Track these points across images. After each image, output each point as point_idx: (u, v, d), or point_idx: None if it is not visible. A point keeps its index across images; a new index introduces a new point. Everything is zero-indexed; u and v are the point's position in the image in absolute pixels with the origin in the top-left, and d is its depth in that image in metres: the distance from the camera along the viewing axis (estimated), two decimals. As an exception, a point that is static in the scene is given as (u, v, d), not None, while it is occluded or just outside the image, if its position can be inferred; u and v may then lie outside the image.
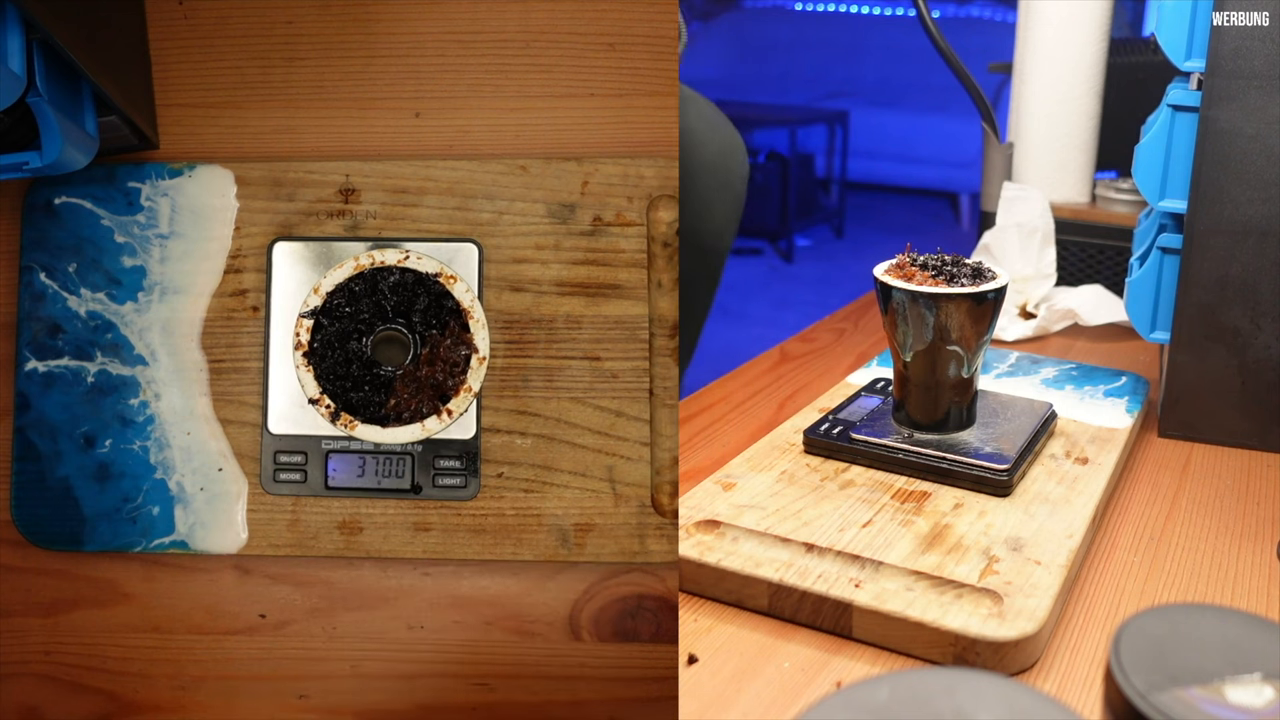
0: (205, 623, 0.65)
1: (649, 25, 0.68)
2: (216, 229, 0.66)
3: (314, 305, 0.53)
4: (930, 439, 0.65)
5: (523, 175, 0.66)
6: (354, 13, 0.68)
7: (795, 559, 0.55)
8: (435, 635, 0.65)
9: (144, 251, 0.65)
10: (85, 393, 0.65)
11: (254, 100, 0.68)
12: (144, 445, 0.64)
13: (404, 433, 0.52)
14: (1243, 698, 0.33)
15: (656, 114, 0.68)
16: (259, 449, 0.64)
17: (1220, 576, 0.59)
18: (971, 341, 0.63)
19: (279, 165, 0.66)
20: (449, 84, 0.68)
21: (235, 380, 0.65)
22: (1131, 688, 0.33)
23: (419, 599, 0.65)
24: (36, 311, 0.65)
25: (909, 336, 0.63)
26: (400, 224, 0.65)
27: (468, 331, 0.52)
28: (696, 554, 0.56)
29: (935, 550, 0.55)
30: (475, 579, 0.65)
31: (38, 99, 0.54)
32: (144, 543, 0.64)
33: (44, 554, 0.65)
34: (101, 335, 0.65)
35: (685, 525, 0.58)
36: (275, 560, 0.65)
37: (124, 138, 0.65)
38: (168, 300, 0.65)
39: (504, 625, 0.65)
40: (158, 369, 0.65)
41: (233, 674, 0.64)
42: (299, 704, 0.65)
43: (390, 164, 0.66)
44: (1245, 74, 0.70)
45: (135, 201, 0.66)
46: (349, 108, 0.68)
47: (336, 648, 0.65)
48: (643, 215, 0.65)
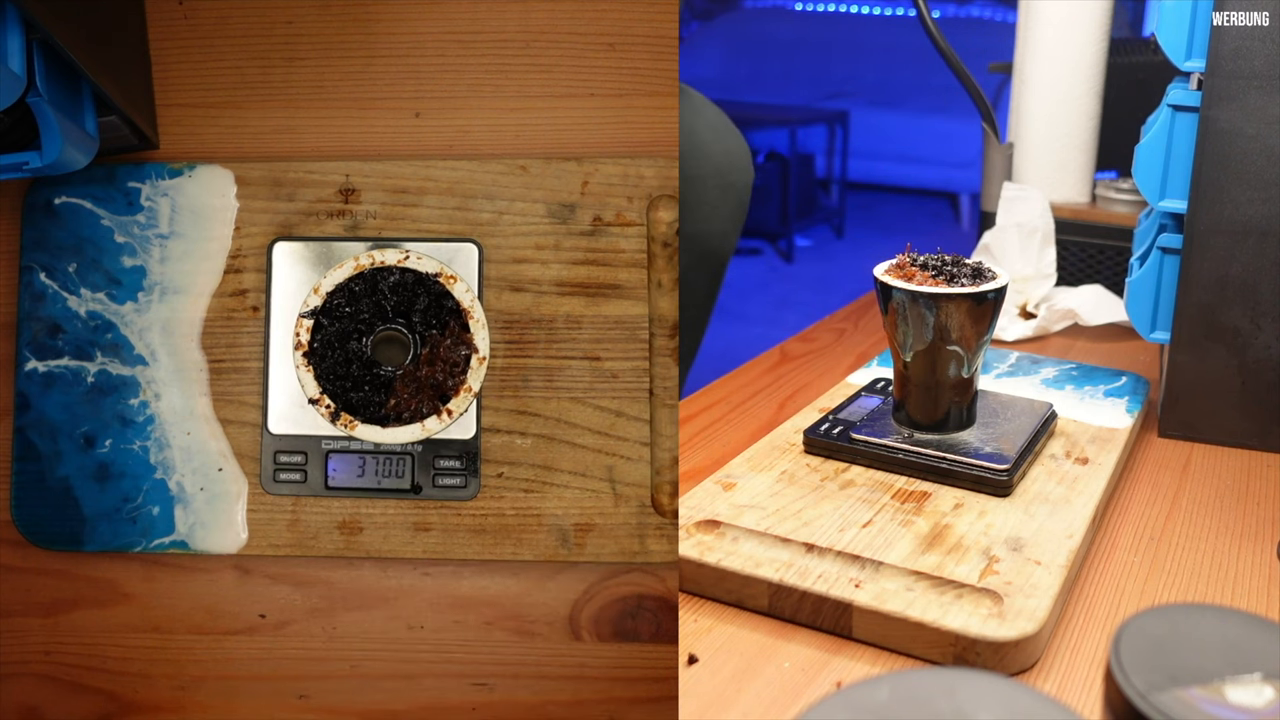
0: (205, 623, 0.65)
1: (649, 25, 0.68)
2: (216, 229, 0.66)
3: (314, 305, 0.53)
4: (930, 439, 0.65)
5: (523, 175, 0.66)
6: (354, 13, 0.68)
7: (795, 559, 0.55)
8: (435, 635, 0.65)
9: (144, 251, 0.65)
10: (85, 393, 0.65)
11: (254, 100, 0.68)
12: (144, 445, 0.64)
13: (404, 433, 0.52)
14: (1243, 698, 0.33)
15: (656, 114, 0.68)
16: (259, 449, 0.64)
17: (1220, 576, 0.59)
18: (971, 341, 0.63)
19: (279, 165, 0.66)
20: (449, 84, 0.68)
21: (235, 380, 0.65)
22: (1131, 688, 0.33)
23: (419, 599, 0.65)
24: (36, 311, 0.65)
25: (909, 336, 0.63)
26: (400, 224, 0.65)
27: (468, 331, 0.52)
28: (696, 554, 0.56)
29: (935, 550, 0.55)
30: (475, 579, 0.65)
31: (38, 99, 0.54)
32: (144, 543, 0.64)
33: (44, 554, 0.65)
34: (101, 335, 0.65)
35: (685, 525, 0.58)
36: (275, 560, 0.65)
37: (124, 138, 0.65)
38: (168, 300, 0.65)
39: (504, 625, 0.65)
40: (158, 369, 0.65)
41: (233, 674, 0.64)
42: (299, 704, 0.65)
43: (390, 164, 0.66)
44: (1245, 74, 0.70)
45: (135, 201, 0.66)
46: (349, 108, 0.68)
47: (336, 648, 0.65)
48: (643, 215, 0.65)
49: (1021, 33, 1.12)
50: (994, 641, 0.49)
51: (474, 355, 0.52)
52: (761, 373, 0.90)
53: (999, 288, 0.62)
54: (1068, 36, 1.08)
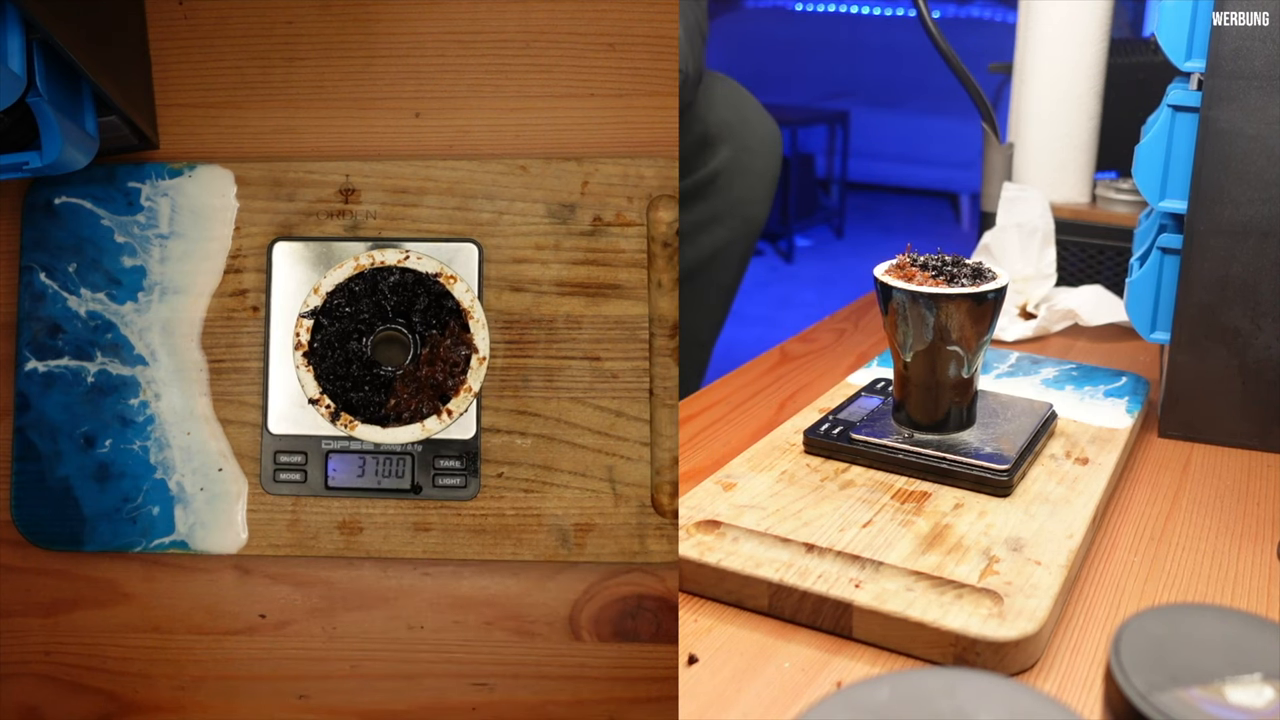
0: (205, 623, 0.65)
1: (649, 25, 0.68)
2: (216, 229, 0.66)
3: (314, 305, 0.53)
4: (930, 439, 0.65)
5: (523, 175, 0.66)
6: (354, 13, 0.68)
7: (795, 559, 0.55)
8: (435, 635, 0.65)
9: (144, 251, 0.65)
10: (85, 393, 0.65)
11: (254, 100, 0.68)
12: (144, 445, 0.64)
13: (404, 433, 0.52)
14: (1243, 698, 0.33)
15: (656, 114, 0.68)
16: (259, 449, 0.64)
17: (1220, 576, 0.59)
18: (972, 341, 0.63)
19: (279, 165, 0.66)
20: (449, 84, 0.68)
21: (235, 380, 0.65)
22: (1131, 688, 0.33)
23: (419, 599, 0.65)
24: (36, 311, 0.65)
25: (909, 337, 0.63)
26: (400, 224, 0.65)
27: (468, 331, 0.52)
28: (696, 554, 0.56)
29: (935, 550, 0.55)
30: (475, 579, 0.66)
31: (38, 99, 0.54)
32: (144, 543, 0.64)
33: (44, 554, 0.65)
34: (101, 335, 0.65)
35: (685, 525, 0.58)
36: (275, 560, 0.65)
37: (124, 138, 0.65)
38: (168, 300, 0.65)
39: (504, 625, 0.65)
40: (158, 369, 0.65)
41: (233, 674, 0.64)
42: (299, 704, 0.65)
43: (390, 164, 0.66)
44: (1245, 74, 0.70)
45: (135, 201, 0.66)
46: (349, 108, 0.68)
47: (336, 648, 0.65)
48: (643, 215, 0.65)
49: (1021, 33, 1.13)
50: (994, 641, 0.49)
51: (474, 355, 0.52)
52: (762, 373, 0.90)
53: (999, 288, 0.62)
54: (1068, 36, 1.08)
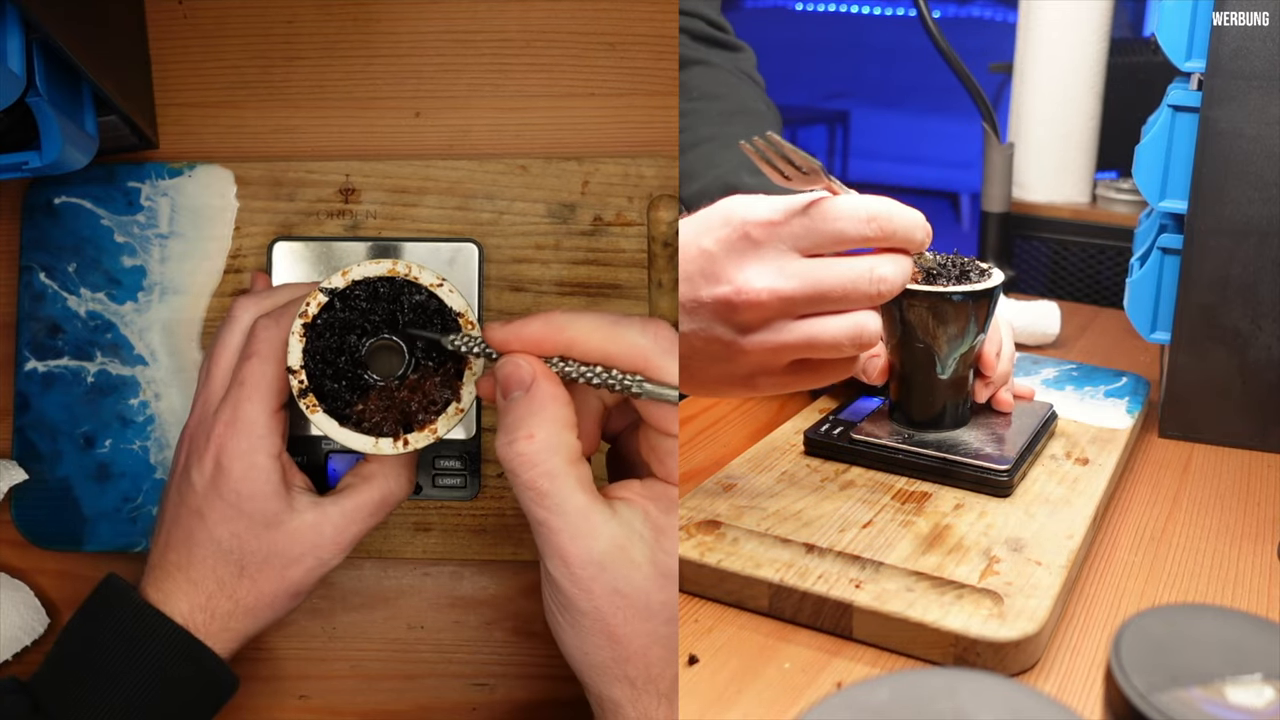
0: (205, 623, 0.64)
1: (650, 25, 0.68)
2: (216, 229, 0.66)
3: (336, 285, 0.52)
4: (930, 439, 0.65)
5: (523, 175, 0.66)
6: (354, 12, 0.68)
7: (796, 560, 0.55)
8: (435, 635, 0.65)
9: (144, 251, 0.65)
10: (85, 393, 0.64)
11: (254, 100, 0.68)
12: (144, 445, 0.64)
13: (356, 440, 0.51)
14: (1243, 698, 0.33)
15: (657, 114, 0.68)
16: (259, 449, 0.64)
17: (1220, 577, 0.59)
18: (940, 341, 0.62)
19: (279, 165, 0.66)
20: (449, 84, 0.68)
21: (235, 380, 0.64)
22: (1132, 688, 0.33)
23: (419, 599, 0.65)
24: (36, 311, 0.65)
25: (888, 332, 0.63)
26: (400, 224, 0.65)
27: (459, 379, 0.52)
28: (697, 555, 0.56)
29: (935, 551, 0.55)
30: (475, 579, 0.65)
31: (38, 99, 0.54)
32: (144, 543, 0.64)
33: (44, 554, 0.65)
34: (101, 335, 0.65)
35: (686, 526, 0.58)
36: (275, 560, 0.65)
37: (124, 138, 0.65)
38: (168, 300, 0.65)
39: (504, 625, 0.65)
40: (158, 369, 0.65)
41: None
42: (299, 704, 0.65)
43: (390, 164, 0.66)
44: (1245, 74, 0.70)
45: (135, 201, 0.66)
46: (349, 108, 0.67)
47: (336, 648, 0.65)
48: (643, 215, 0.65)
49: (1021, 33, 1.13)
50: (994, 642, 0.49)
51: (454, 403, 0.52)
52: (761, 373, 0.90)
53: (970, 291, 0.60)
54: (1068, 36, 1.08)
